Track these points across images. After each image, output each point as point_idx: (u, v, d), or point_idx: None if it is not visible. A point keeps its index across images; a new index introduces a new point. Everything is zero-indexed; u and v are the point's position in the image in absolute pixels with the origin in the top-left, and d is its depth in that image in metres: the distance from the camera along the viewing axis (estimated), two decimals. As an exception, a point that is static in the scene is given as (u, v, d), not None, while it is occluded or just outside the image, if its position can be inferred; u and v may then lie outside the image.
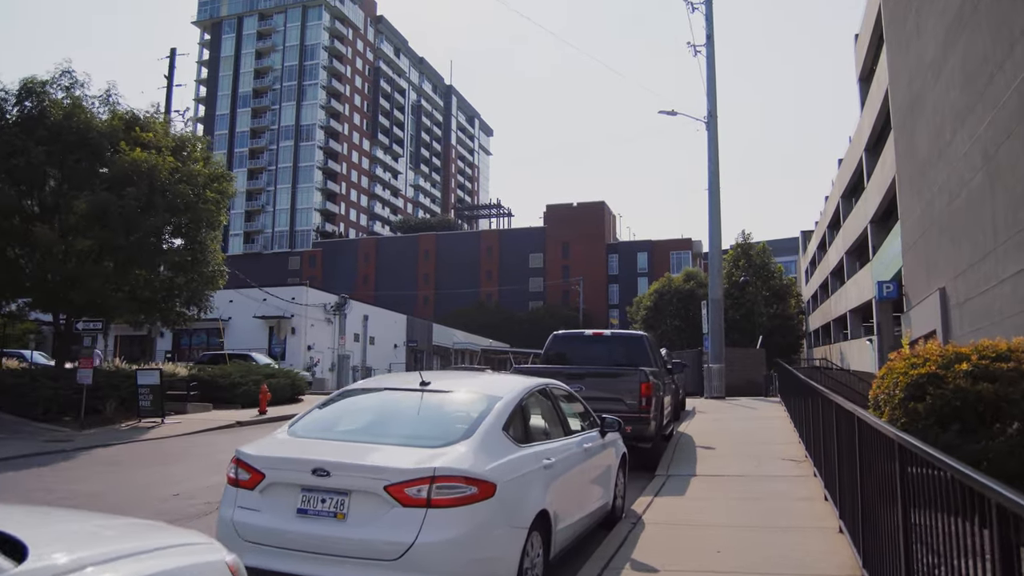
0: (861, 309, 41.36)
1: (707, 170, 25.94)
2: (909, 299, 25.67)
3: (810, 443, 10.35)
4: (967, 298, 18.62)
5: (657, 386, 10.87)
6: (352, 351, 54.93)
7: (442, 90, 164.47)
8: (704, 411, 19.18)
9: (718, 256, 25.45)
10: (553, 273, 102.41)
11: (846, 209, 44.50)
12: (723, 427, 15.27)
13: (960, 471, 3.23)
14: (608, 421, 7.10)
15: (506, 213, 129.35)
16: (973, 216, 17.99)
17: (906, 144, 25.47)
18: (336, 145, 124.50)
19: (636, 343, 12.15)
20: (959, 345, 9.74)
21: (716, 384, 24.21)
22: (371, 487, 4.37)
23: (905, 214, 25.97)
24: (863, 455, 5.54)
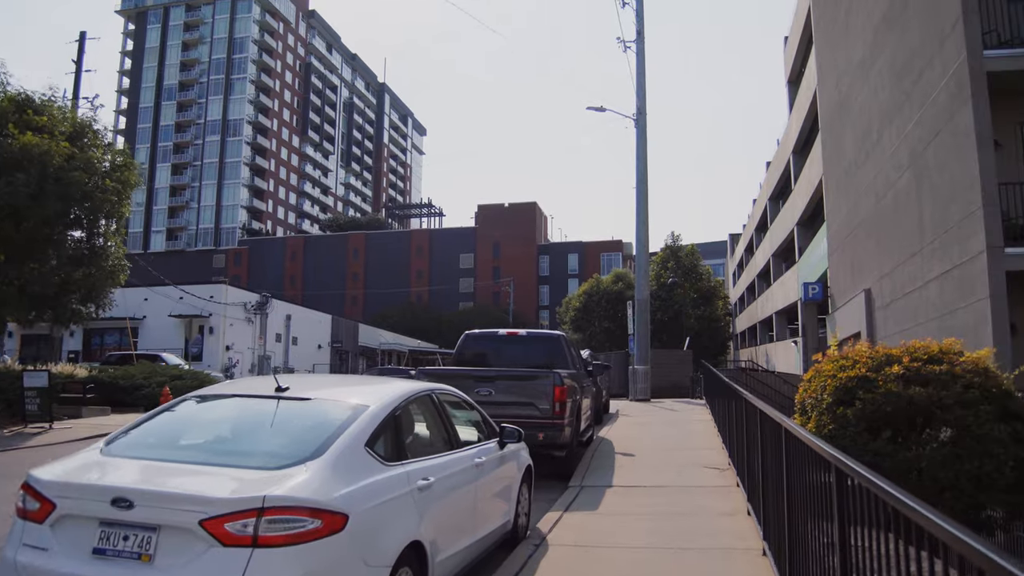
0: (787, 311, 41.52)
1: (635, 168, 25.42)
2: (834, 301, 25.55)
3: (733, 449, 9.72)
4: (892, 299, 18.38)
5: (573, 389, 10.11)
6: (274, 352, 53.26)
7: (375, 88, 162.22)
8: (628, 414, 18.56)
9: (645, 255, 24.93)
10: (484, 273, 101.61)
11: (773, 212, 44.70)
12: (645, 432, 14.63)
13: (911, 507, 2.49)
14: (507, 431, 6.25)
15: (437, 213, 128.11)
16: (899, 217, 17.75)
17: (833, 145, 25.35)
18: (265, 141, 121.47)
19: (552, 344, 11.38)
20: (888, 346, 9.21)
21: (641, 386, 23.67)
22: (184, 521, 3.43)
23: (831, 216, 25.86)
24: (792, 472, 4.82)
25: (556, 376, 9.43)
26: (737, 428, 8.85)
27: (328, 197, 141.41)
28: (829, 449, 3.46)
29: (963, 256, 13.71)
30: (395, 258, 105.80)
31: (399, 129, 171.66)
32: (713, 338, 56.87)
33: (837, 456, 3.29)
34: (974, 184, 13.14)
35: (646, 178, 25.30)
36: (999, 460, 7.61)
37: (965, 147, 13.51)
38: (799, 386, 9.60)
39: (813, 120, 31.03)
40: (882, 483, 2.70)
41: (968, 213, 13.40)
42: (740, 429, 8.52)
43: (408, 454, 4.56)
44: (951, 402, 7.74)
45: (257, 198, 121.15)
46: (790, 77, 37.49)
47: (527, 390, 9.52)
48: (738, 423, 8.84)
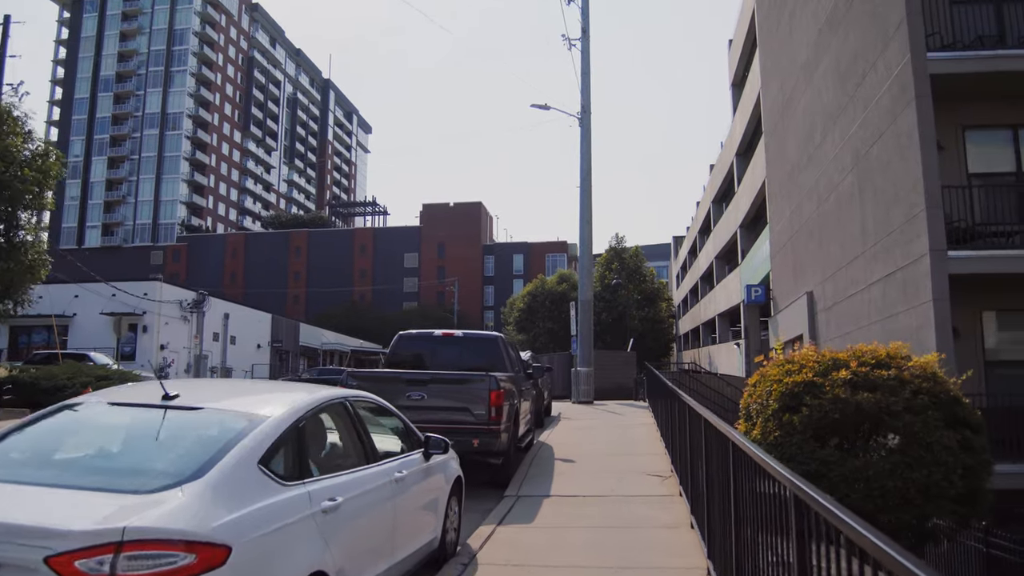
0: (729, 313, 41.71)
1: (579, 167, 25.08)
2: (777, 303, 25.54)
3: (676, 456, 9.36)
4: (835, 302, 18.31)
5: (511, 393, 9.64)
6: (211, 351, 51.90)
7: (319, 84, 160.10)
8: (569, 417, 18.17)
9: (589, 256, 24.61)
10: (428, 273, 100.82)
11: (717, 214, 44.90)
12: (587, 436, 14.24)
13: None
14: (432, 441, 5.74)
15: (382, 211, 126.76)
16: (842, 220, 17.68)
17: (776, 148, 25.35)
18: (205, 136, 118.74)
19: (490, 345, 10.89)
20: (835, 350, 8.94)
21: (584, 388, 23.33)
22: (27, 559, 2.83)
23: (774, 218, 25.86)
24: (740, 486, 4.41)
25: (492, 379, 8.95)
26: (680, 434, 8.48)
27: (271, 194, 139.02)
28: (787, 474, 3.04)
29: (906, 259, 13.60)
30: (338, 257, 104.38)
31: (344, 126, 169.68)
32: (657, 339, 57.11)
33: (795, 482, 2.86)
34: (917, 186, 13.02)
35: (590, 177, 24.99)
36: (948, 468, 7.36)
37: (908, 149, 13.40)
38: (744, 390, 9.29)
39: (757, 123, 31.08)
40: (849, 519, 2.28)
41: (911, 216, 13.29)
42: (683, 436, 8.15)
43: (313, 471, 4.01)
44: (900, 408, 7.47)
45: (197, 194, 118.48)
46: (734, 80, 37.63)
47: (462, 394, 9.02)
48: (681, 429, 8.47)
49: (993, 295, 13.72)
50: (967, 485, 7.44)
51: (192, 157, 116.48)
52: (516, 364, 11.63)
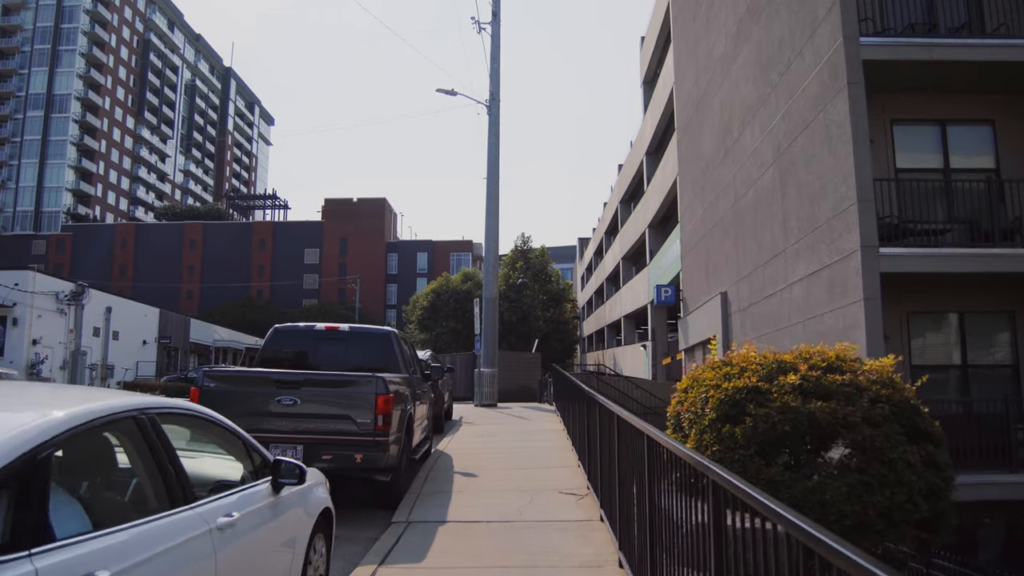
0: (635, 315, 41.14)
1: (486, 157, 23.79)
2: (687, 304, 24.79)
3: (594, 469, 8.14)
4: (751, 303, 17.50)
5: (403, 397, 8.24)
6: (91, 347, 48.54)
7: (220, 71, 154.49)
8: (472, 421, 16.85)
9: (494, 250, 23.33)
10: (329, 270, 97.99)
11: (625, 215, 44.34)
12: (491, 443, 12.93)
13: None
14: (284, 468, 4.21)
15: (282, 205, 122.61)
16: (761, 216, 16.88)
17: (690, 144, 24.61)
18: (95, 120, 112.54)
19: (381, 342, 9.45)
20: (776, 351, 7.86)
21: (488, 390, 22.03)
22: None
23: (686, 217, 25.12)
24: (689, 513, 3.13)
25: (380, 382, 7.52)
26: (602, 447, 7.23)
27: (165, 184, 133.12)
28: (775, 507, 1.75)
29: (833, 256, 12.77)
30: (235, 251, 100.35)
31: (245, 117, 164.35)
32: (561, 341, 56.38)
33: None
34: (848, 178, 12.19)
35: (497, 168, 23.73)
36: (912, 489, 6.30)
37: (838, 140, 12.57)
38: (672, 396, 8.12)
39: (669, 120, 30.43)
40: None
41: (840, 210, 12.45)
42: (606, 448, 6.90)
43: (59, 531, 2.51)
44: (858, 419, 6.39)
45: (85, 181, 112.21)
46: (645, 77, 37.03)
47: (343, 399, 7.57)
48: (603, 440, 7.22)
49: (919, 296, 13.03)
50: (932, 507, 6.41)
51: (80, 142, 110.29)
52: (412, 364, 10.23)
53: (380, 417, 7.44)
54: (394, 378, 8.15)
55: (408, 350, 10.23)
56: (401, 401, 8.12)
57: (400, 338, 9.80)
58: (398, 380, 8.35)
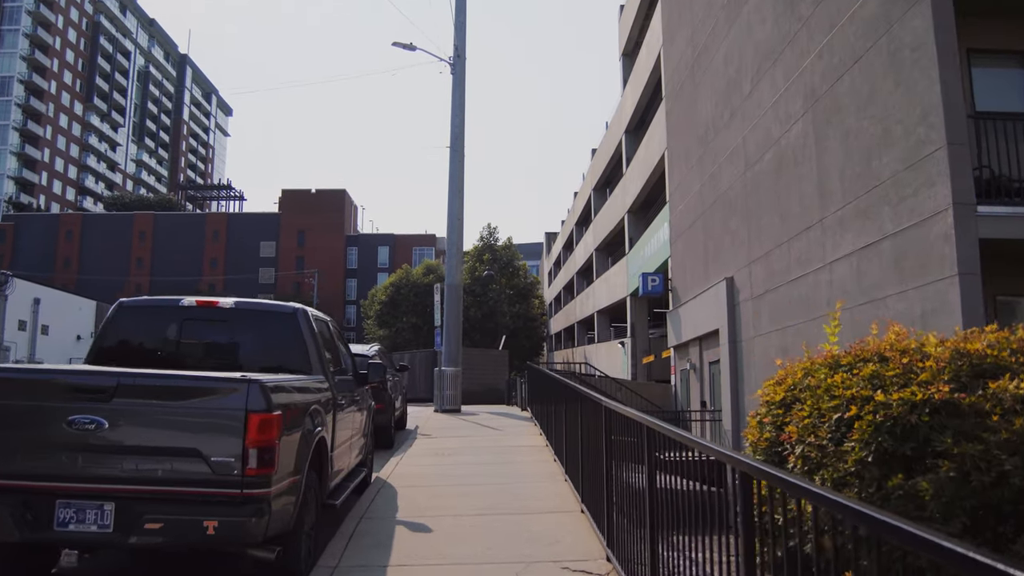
0: (611, 309, 38.11)
1: (450, 124, 20.53)
2: (678, 295, 21.72)
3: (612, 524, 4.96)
4: (769, 287, 14.43)
5: (304, 414, 4.99)
6: (15, 342, 44.53)
7: (175, 59, 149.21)
8: (430, 433, 13.61)
9: (458, 229, 20.05)
10: (286, 263, 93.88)
11: (599, 202, 41.29)
12: (454, 467, 9.69)
13: None
14: None
15: (238, 196, 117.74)
16: (785, 181, 13.82)
17: (682, 112, 21.55)
18: (39, 104, 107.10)
19: (283, 326, 6.13)
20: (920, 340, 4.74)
21: (450, 393, 18.74)
22: None
23: (676, 196, 22.06)
24: None
25: (255, 390, 4.26)
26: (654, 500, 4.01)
27: (116, 174, 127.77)
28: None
29: (903, 221, 9.72)
30: (187, 243, 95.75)
31: (202, 106, 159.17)
32: (529, 337, 53.27)
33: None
34: (930, 116, 9.15)
35: (463, 137, 20.53)
36: None
37: (913, 66, 9.52)
38: (756, 412, 4.96)
39: (654, 90, 27.40)
40: None
41: (918, 159, 9.40)
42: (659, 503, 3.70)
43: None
44: None
45: (28, 168, 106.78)
46: (625, 49, 33.95)
47: (187, 421, 4.31)
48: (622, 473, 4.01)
49: (1015, 275, 10.04)
50: None
51: (23, 128, 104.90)
52: (338, 360, 6.97)
53: (255, 452, 4.20)
54: (290, 382, 4.92)
55: (330, 339, 6.95)
56: (300, 421, 4.89)
57: (316, 320, 6.49)
58: (298, 386, 5.11)
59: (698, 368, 19.58)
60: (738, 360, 16.21)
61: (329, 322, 7.29)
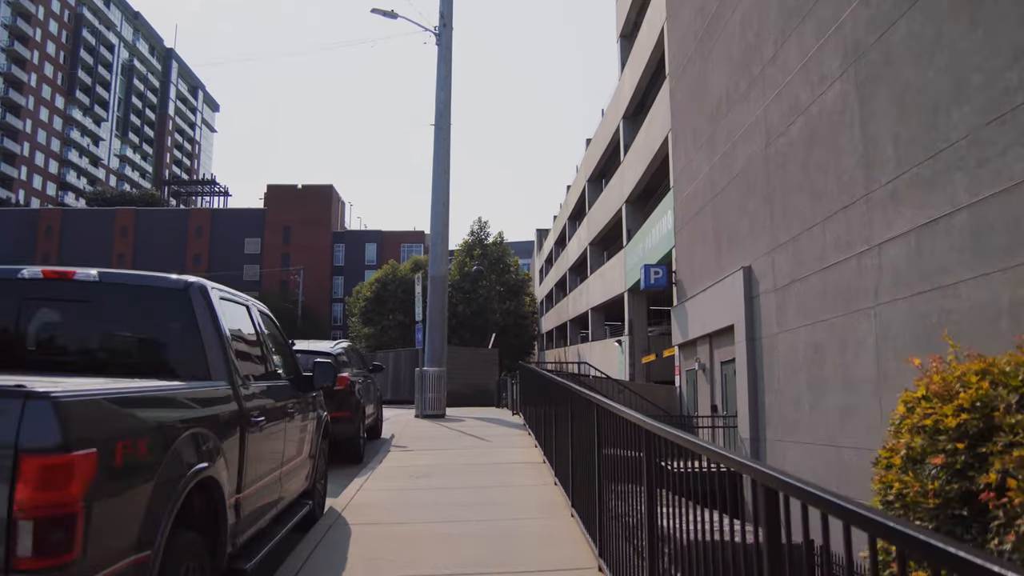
0: (605, 307, 36.26)
1: (435, 99, 18.63)
2: (684, 288, 19.88)
3: None
4: (797, 277, 12.60)
5: (180, 444, 3.13)
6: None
7: (161, 53, 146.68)
8: (407, 444, 11.72)
9: (443, 215, 18.12)
10: (272, 260, 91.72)
11: (593, 194, 39.42)
12: (429, 496, 7.73)
13: None
14: None
15: (222, 192, 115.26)
16: (819, 153, 11.98)
17: (689, 90, 19.72)
18: (19, 97, 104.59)
19: (166, 308, 4.26)
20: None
21: (432, 396, 16.77)
22: None
23: (682, 180, 20.22)
24: None
25: (38, 410, 2.38)
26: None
27: (99, 169, 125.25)
28: None
29: (983, 189, 7.89)
30: (170, 239, 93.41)
31: (188, 102, 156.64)
32: (519, 336, 51.37)
33: None
34: (1023, 58, 7.32)
35: (449, 112, 18.61)
36: None
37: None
38: (888, 445, 3.06)
39: (656, 69, 25.58)
40: None
41: (1007, 110, 7.56)
42: None
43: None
44: None
45: (7, 162, 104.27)
46: (623, 30, 32.07)
47: None
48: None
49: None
50: None
51: (2, 121, 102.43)
52: (266, 359, 5.08)
53: (29, 526, 2.31)
54: (133, 394, 3.03)
55: (256, 331, 5.03)
56: (152, 460, 2.98)
57: (225, 302, 4.50)
58: (153, 398, 3.23)
59: (708, 368, 17.73)
60: (757, 359, 14.37)
61: (254, 307, 5.39)
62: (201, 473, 3.40)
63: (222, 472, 3.68)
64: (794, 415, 12.61)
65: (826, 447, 11.41)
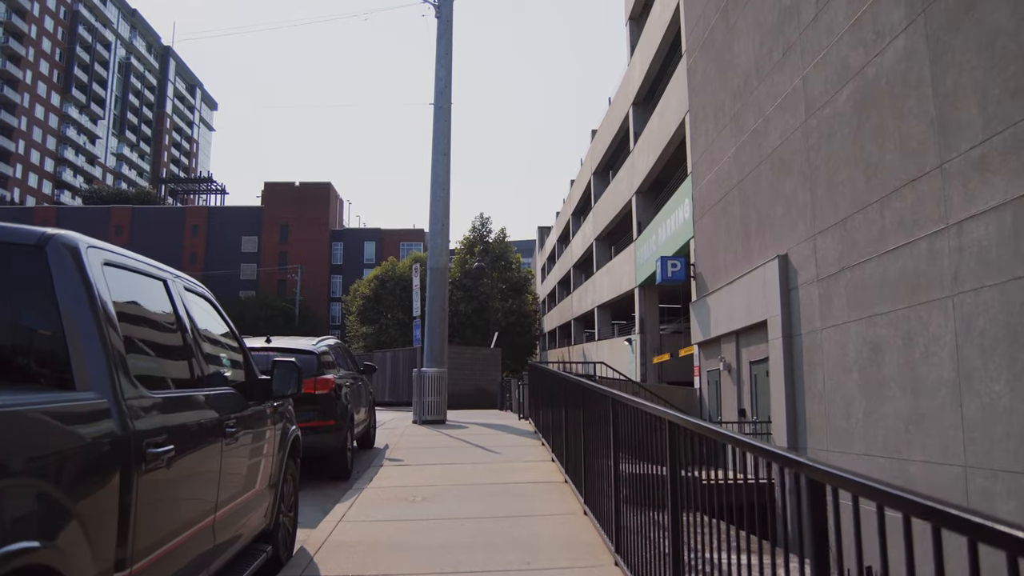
0: (613, 304, 34.72)
1: (435, 76, 17.10)
2: (705, 281, 18.33)
3: None
4: (846, 265, 11.05)
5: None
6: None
7: (158, 50, 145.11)
8: (403, 458, 10.16)
9: (444, 199, 16.55)
10: (269, 259, 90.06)
11: (600, 187, 37.88)
12: (427, 531, 6.08)
13: None
14: None
15: (219, 190, 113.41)
16: (875, 122, 10.43)
17: (711, 65, 18.17)
18: (13, 94, 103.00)
19: (8, 270, 2.66)
20: None
21: (432, 400, 15.16)
22: None
23: (702, 164, 18.68)
24: None
25: None
26: None
27: (96, 168, 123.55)
28: None
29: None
30: (165, 238, 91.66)
31: (186, 100, 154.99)
32: (522, 335, 49.75)
33: None
34: None
35: (449, 91, 17.08)
36: None
37: None
38: None
39: (669, 49, 24.07)
40: None
41: None
42: None
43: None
44: None
45: (2, 161, 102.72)
46: (632, 12, 30.52)
47: None
48: None
49: None
50: None
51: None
52: (195, 357, 3.54)
53: None
54: None
55: (175, 309, 3.45)
56: None
57: (97, 261, 2.85)
58: None
59: (734, 369, 16.18)
60: (795, 359, 12.82)
61: (177, 283, 3.87)
62: (11, 563, 1.88)
63: (72, 549, 2.16)
64: (843, 423, 11.06)
65: (886, 460, 9.87)
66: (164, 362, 3.37)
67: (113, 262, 3.07)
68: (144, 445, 2.71)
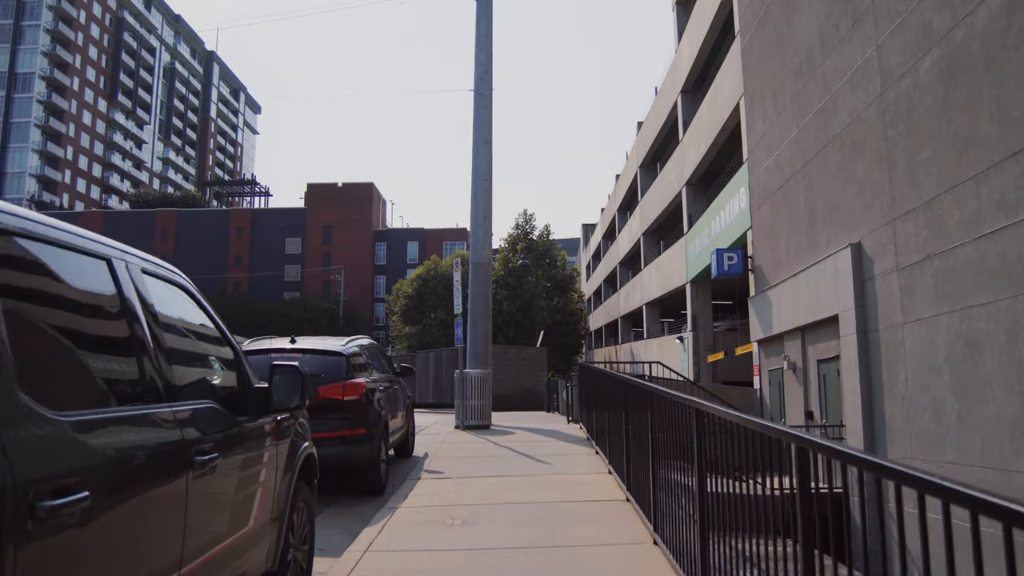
0: (662, 301, 33.53)
1: (474, 60, 16.21)
2: (765, 274, 17.18)
3: None
4: (934, 251, 9.87)
5: None
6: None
7: (202, 56, 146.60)
8: (442, 469, 9.26)
9: (487, 191, 15.62)
10: (313, 260, 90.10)
11: (647, 181, 36.70)
12: (472, 565, 5.17)
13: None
14: None
15: (263, 192, 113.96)
16: (964, 91, 9.28)
17: (768, 42, 17.02)
18: (62, 102, 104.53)
19: None
20: None
21: (475, 404, 14.21)
22: None
23: (759, 150, 17.52)
24: None
25: None
26: None
27: (142, 172, 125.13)
28: None
29: None
30: (211, 240, 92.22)
31: (229, 104, 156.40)
32: (567, 334, 48.73)
33: None
34: None
35: (490, 76, 16.19)
36: None
37: None
38: None
39: (720, 31, 22.90)
40: None
41: None
42: None
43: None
44: None
45: (51, 166, 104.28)
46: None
47: None
48: None
49: None
50: None
51: (45, 124, 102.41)
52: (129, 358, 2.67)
53: None
54: None
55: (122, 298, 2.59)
56: None
57: (56, 246, 2.10)
58: None
59: (800, 368, 15.02)
60: (873, 356, 11.66)
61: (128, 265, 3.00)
62: None
63: None
64: (932, 427, 9.91)
65: (985, 470, 8.72)
66: (96, 368, 2.47)
67: (12, 229, 2.17)
68: (32, 497, 1.81)
